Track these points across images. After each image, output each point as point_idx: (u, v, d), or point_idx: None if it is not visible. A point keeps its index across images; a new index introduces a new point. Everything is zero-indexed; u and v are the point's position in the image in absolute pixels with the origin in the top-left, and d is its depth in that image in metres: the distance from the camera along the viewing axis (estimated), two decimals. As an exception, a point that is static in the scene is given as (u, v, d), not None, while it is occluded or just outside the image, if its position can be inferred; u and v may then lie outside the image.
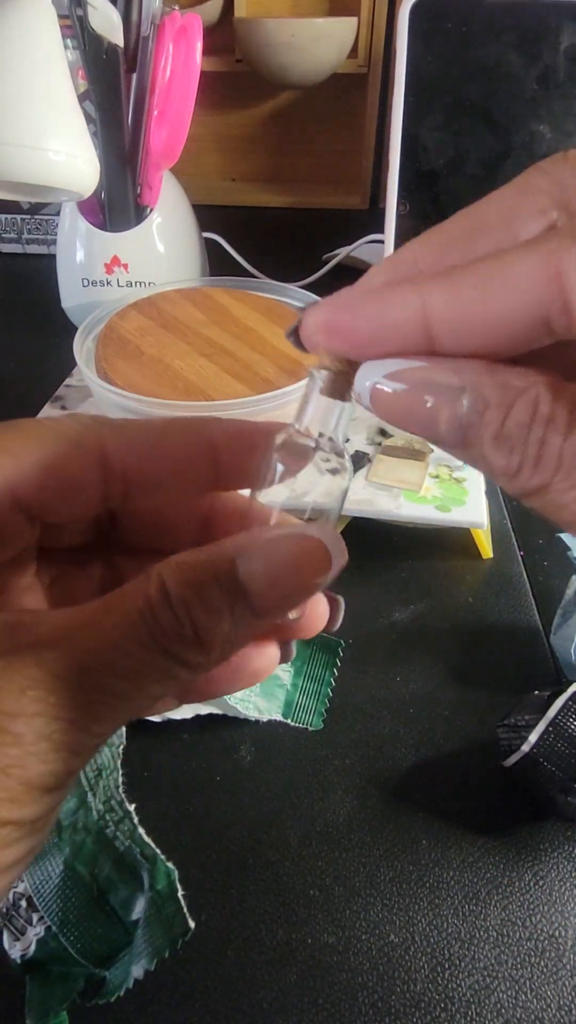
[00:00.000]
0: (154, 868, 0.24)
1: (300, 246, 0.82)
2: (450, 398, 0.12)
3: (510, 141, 0.44)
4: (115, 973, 0.23)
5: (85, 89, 0.52)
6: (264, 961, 0.25)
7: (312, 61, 0.84)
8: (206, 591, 0.13)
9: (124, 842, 0.25)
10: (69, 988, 0.23)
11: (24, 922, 0.24)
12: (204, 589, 0.13)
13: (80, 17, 0.48)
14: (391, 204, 0.46)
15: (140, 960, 0.22)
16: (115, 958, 0.23)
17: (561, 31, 0.42)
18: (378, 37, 0.87)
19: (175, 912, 0.23)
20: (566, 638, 0.35)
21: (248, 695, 0.31)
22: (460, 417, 0.12)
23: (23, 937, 0.24)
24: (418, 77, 0.43)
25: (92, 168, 0.44)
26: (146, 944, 0.23)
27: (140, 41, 0.50)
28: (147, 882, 0.24)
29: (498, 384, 0.12)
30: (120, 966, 0.23)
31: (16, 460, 0.15)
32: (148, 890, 0.24)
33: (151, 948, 0.22)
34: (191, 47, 0.51)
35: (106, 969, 0.23)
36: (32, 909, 0.24)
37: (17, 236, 0.78)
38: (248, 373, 0.40)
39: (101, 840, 0.25)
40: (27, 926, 0.24)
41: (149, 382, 0.39)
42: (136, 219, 0.57)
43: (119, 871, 0.25)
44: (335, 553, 0.15)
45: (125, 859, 0.25)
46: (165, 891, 0.23)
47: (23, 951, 0.24)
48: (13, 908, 0.24)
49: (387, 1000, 0.24)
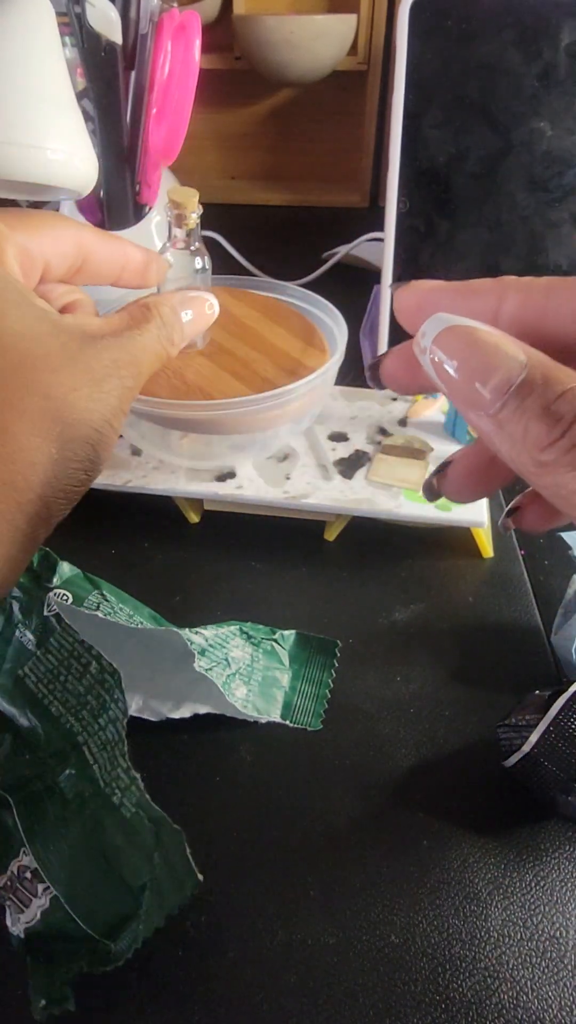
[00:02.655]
0: (160, 830, 0.24)
1: (299, 244, 0.82)
2: (509, 367, 0.14)
3: (510, 138, 0.44)
4: (122, 943, 0.23)
5: (83, 87, 0.51)
6: (264, 962, 0.25)
7: (311, 58, 0.84)
8: (175, 315, 0.26)
9: (131, 808, 0.25)
10: (72, 965, 0.23)
11: (28, 894, 0.24)
12: (174, 313, 0.26)
13: (78, 15, 0.48)
14: (391, 202, 0.46)
15: (150, 920, 0.23)
16: (122, 927, 0.23)
17: (561, 28, 0.41)
18: (378, 34, 0.87)
19: (184, 870, 0.23)
20: (567, 638, 0.35)
21: (247, 696, 0.31)
22: (512, 383, 0.14)
23: (27, 910, 0.24)
24: (418, 74, 0.43)
25: (91, 166, 0.44)
26: (156, 905, 0.23)
27: (138, 39, 0.50)
28: (154, 844, 0.24)
29: (557, 367, 0.14)
30: (128, 934, 0.23)
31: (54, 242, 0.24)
32: (156, 850, 0.24)
33: (161, 907, 0.23)
34: (190, 45, 0.51)
35: (112, 940, 0.23)
36: (38, 880, 0.24)
37: (16, 235, 0.78)
38: (247, 371, 0.40)
39: (107, 807, 0.25)
40: (32, 897, 0.24)
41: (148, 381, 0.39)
42: (135, 217, 0.56)
43: (126, 837, 0.25)
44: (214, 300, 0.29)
45: (132, 825, 0.25)
46: (173, 849, 0.23)
47: (27, 923, 0.24)
48: (18, 880, 0.25)
49: (387, 1001, 0.24)
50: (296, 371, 0.40)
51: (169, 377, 0.40)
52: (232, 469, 0.41)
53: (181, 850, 0.23)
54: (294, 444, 0.43)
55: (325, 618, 0.37)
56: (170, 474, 0.41)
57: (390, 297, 0.15)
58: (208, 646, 0.30)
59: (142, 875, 0.24)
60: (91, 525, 0.42)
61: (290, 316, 0.45)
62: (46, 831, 0.26)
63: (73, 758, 0.27)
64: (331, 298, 0.44)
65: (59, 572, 0.32)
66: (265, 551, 0.41)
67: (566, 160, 0.44)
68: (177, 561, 0.40)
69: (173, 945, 0.25)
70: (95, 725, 0.27)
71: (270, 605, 0.38)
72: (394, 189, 0.46)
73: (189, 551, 0.41)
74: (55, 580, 0.31)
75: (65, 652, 0.29)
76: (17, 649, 0.30)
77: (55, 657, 0.29)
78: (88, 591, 0.32)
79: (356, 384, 0.51)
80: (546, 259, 0.47)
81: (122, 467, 0.41)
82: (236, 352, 0.42)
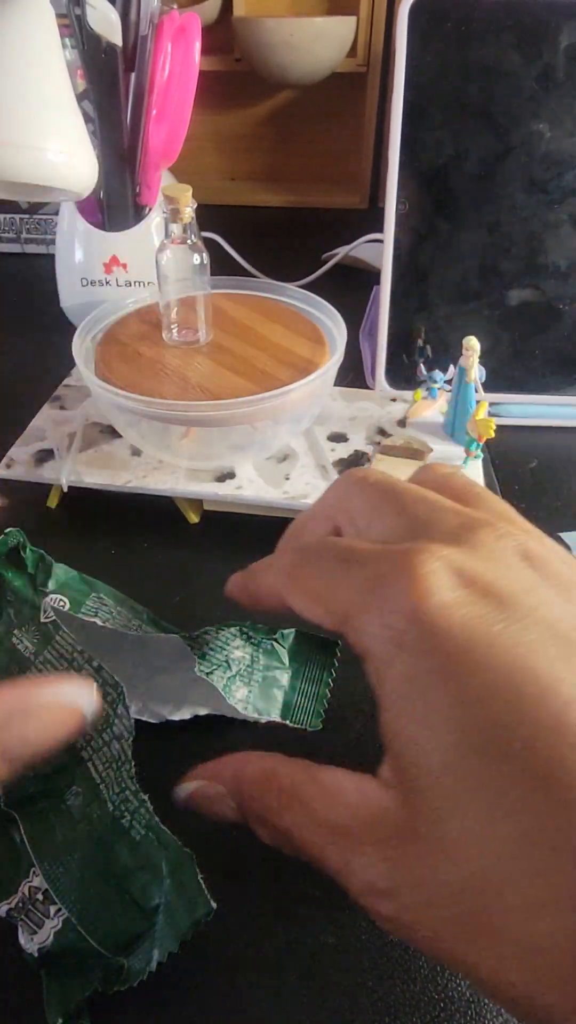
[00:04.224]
0: (171, 854, 0.24)
1: (299, 245, 0.82)
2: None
3: (510, 140, 0.44)
4: (136, 960, 0.23)
5: (84, 89, 0.51)
6: (264, 961, 0.25)
7: (311, 60, 0.84)
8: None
9: (140, 831, 0.25)
10: (87, 980, 0.23)
11: (41, 915, 0.24)
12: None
13: (78, 16, 0.48)
14: (390, 203, 0.46)
15: (164, 944, 0.22)
16: (135, 945, 0.23)
17: (561, 30, 0.42)
18: (377, 36, 0.87)
19: (196, 894, 0.23)
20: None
21: (248, 696, 0.31)
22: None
23: (40, 931, 0.24)
24: (417, 76, 0.43)
25: (91, 168, 0.44)
26: (169, 928, 0.23)
27: (139, 40, 0.50)
28: (165, 868, 0.24)
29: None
30: (141, 953, 0.23)
31: None
32: (167, 876, 0.24)
33: (174, 931, 0.22)
34: (190, 46, 0.51)
35: (126, 956, 0.23)
36: (49, 902, 0.24)
37: (16, 236, 0.78)
38: (246, 367, 0.40)
39: (117, 831, 0.25)
40: (44, 919, 0.24)
41: (148, 380, 0.39)
42: (135, 218, 0.56)
43: (136, 859, 0.25)
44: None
45: (142, 848, 0.25)
46: (184, 875, 0.23)
47: (40, 944, 0.24)
48: (29, 902, 0.24)
49: (387, 1000, 0.24)
50: (295, 363, 0.40)
51: (167, 375, 0.40)
52: (232, 469, 0.41)
53: (193, 875, 0.23)
54: (294, 444, 0.44)
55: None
56: (170, 474, 0.41)
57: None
58: (209, 649, 0.30)
59: (154, 896, 0.24)
60: (91, 525, 0.42)
61: (290, 316, 0.45)
62: (55, 849, 0.25)
63: (78, 773, 0.27)
64: (331, 299, 0.45)
65: (55, 576, 0.31)
66: (265, 551, 0.41)
67: (565, 162, 0.44)
68: (177, 561, 0.40)
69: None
70: (99, 740, 0.27)
71: (270, 605, 0.38)
72: (394, 190, 0.46)
73: (189, 551, 0.41)
74: (51, 584, 0.31)
75: (64, 662, 0.29)
76: (13, 657, 0.30)
77: (53, 667, 0.29)
78: (85, 594, 0.31)
79: (356, 384, 0.51)
80: (545, 260, 0.47)
81: (122, 467, 0.41)
82: (234, 350, 0.42)
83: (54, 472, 0.41)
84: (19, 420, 0.45)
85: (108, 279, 0.58)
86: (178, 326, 0.42)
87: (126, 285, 0.58)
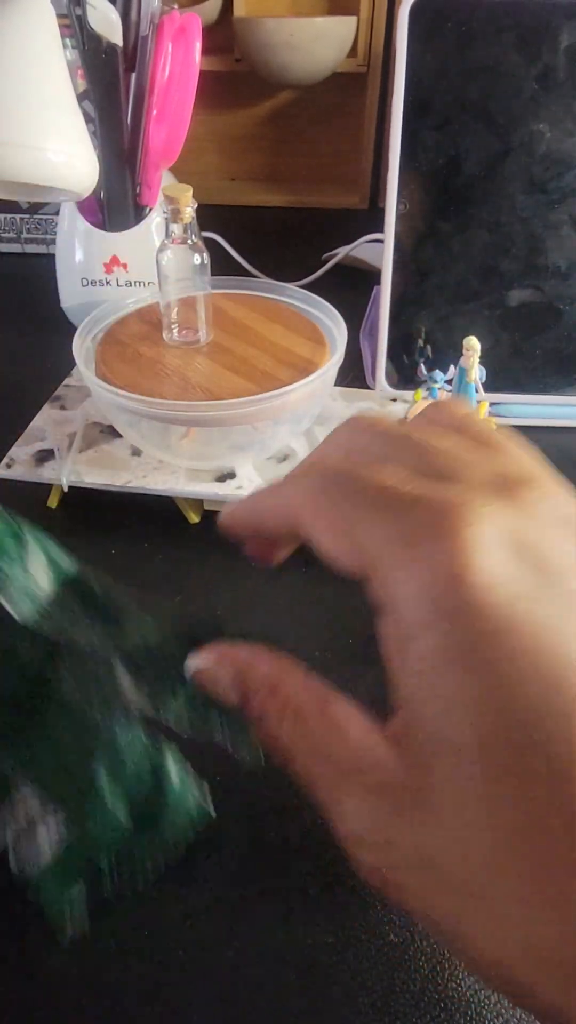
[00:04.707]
0: (163, 755, 0.24)
1: (300, 245, 0.82)
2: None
3: (510, 140, 0.44)
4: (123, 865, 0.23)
5: (84, 89, 0.51)
6: (263, 961, 0.25)
7: (311, 60, 0.84)
8: None
9: (128, 728, 0.24)
10: (79, 889, 0.23)
11: (34, 819, 0.24)
12: None
13: (79, 16, 0.48)
14: (391, 203, 0.46)
15: (153, 847, 0.23)
16: (121, 847, 0.23)
17: (561, 30, 0.42)
18: (378, 36, 0.87)
19: (192, 801, 0.23)
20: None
21: None
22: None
23: (36, 842, 0.24)
24: (418, 76, 0.43)
25: (91, 168, 0.44)
26: (169, 832, 0.23)
27: (139, 41, 0.50)
28: (156, 764, 0.24)
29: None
30: (128, 860, 0.23)
31: None
32: (159, 769, 0.24)
33: (172, 838, 0.23)
34: (190, 46, 0.51)
35: (108, 859, 0.23)
36: (46, 813, 0.24)
37: (16, 236, 0.78)
38: (246, 367, 0.40)
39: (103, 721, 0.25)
40: (39, 825, 0.24)
41: (148, 380, 0.39)
42: (135, 219, 0.57)
43: (124, 754, 0.24)
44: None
45: (131, 743, 0.24)
46: (178, 776, 0.23)
47: (34, 859, 0.23)
48: (24, 820, 0.24)
49: (386, 1000, 0.24)
50: (295, 363, 0.40)
51: (168, 375, 0.40)
52: (232, 469, 0.41)
53: (183, 776, 0.23)
54: (294, 445, 0.44)
55: (327, 618, 0.37)
56: (170, 474, 0.41)
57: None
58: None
59: (143, 791, 0.24)
60: (90, 525, 0.42)
61: (286, 314, 0.45)
62: (40, 734, 0.24)
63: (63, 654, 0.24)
64: (331, 299, 0.45)
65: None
66: (265, 551, 0.41)
67: (565, 162, 0.44)
68: (177, 561, 0.40)
69: (172, 945, 0.25)
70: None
71: (271, 605, 0.38)
72: (394, 190, 0.46)
73: (189, 551, 0.41)
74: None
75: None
76: None
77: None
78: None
79: (356, 385, 0.51)
80: (545, 260, 0.47)
81: (122, 467, 0.41)
82: (234, 350, 0.42)
83: (54, 472, 0.41)
84: (19, 420, 0.45)
85: (108, 279, 0.58)
86: (178, 326, 0.43)
87: (126, 285, 0.58)
